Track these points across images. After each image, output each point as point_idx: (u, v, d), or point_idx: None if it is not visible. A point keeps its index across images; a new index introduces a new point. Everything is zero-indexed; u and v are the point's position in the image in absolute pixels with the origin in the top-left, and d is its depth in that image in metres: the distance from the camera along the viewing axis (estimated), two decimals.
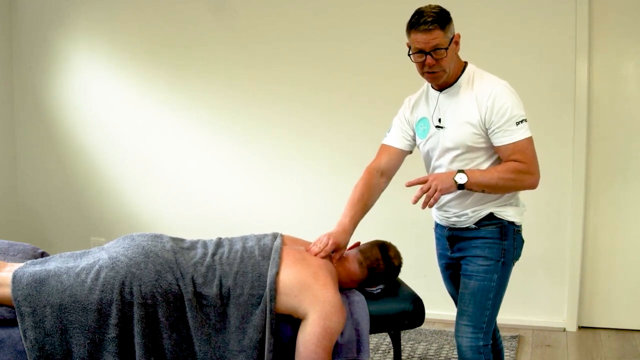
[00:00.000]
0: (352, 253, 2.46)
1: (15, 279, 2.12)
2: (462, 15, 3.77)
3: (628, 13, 3.52)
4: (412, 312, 2.40)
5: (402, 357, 3.25)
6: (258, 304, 2.17)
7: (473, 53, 3.67)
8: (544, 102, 3.62)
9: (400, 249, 2.52)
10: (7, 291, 2.12)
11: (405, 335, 3.55)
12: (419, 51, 2.14)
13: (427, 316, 2.50)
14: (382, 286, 2.47)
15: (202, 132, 4.26)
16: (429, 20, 2.10)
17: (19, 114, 4.65)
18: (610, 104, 3.60)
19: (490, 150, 2.21)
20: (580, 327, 3.73)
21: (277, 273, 2.19)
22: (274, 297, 2.15)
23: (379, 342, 3.46)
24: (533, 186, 2.19)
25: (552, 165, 3.63)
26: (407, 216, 3.73)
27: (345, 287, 2.39)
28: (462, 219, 2.27)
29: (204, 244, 2.36)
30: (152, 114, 4.34)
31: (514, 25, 3.63)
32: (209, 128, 4.25)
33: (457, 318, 2.29)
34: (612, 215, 3.66)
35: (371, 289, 2.46)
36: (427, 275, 3.34)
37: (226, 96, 4.18)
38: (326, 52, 3.96)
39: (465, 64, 2.26)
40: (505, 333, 3.53)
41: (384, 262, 2.44)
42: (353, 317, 2.26)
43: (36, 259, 2.38)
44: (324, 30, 3.96)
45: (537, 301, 3.76)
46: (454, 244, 2.34)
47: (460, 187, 2.13)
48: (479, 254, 2.24)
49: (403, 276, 2.60)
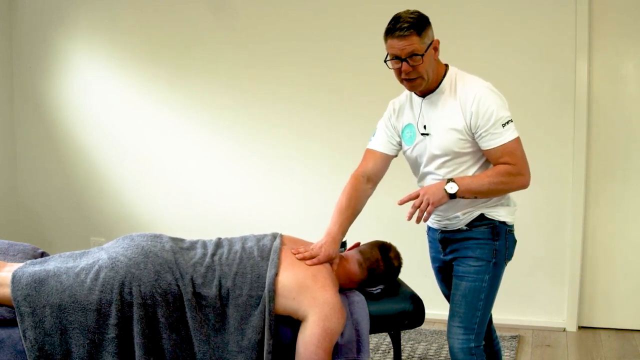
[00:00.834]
0: (352, 254, 2.45)
1: (15, 279, 2.12)
2: (462, 15, 3.79)
3: (628, 13, 3.52)
4: (412, 312, 2.40)
5: (402, 357, 3.24)
6: (257, 305, 2.16)
7: (473, 53, 3.72)
8: (544, 102, 3.62)
9: (399, 249, 2.52)
10: (6, 291, 2.12)
11: (405, 335, 3.55)
12: (395, 57, 2.12)
13: (427, 316, 2.50)
14: (382, 286, 2.47)
15: (202, 132, 4.26)
16: (405, 26, 2.08)
17: (19, 114, 4.65)
18: (610, 104, 3.60)
19: (478, 153, 2.20)
20: (580, 327, 3.73)
21: (276, 274, 2.19)
22: (272, 298, 2.15)
23: (379, 342, 3.45)
24: (524, 186, 2.17)
25: (552, 165, 3.63)
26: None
27: (345, 288, 2.39)
28: (454, 221, 2.26)
29: (204, 244, 2.35)
30: (152, 114, 4.34)
31: (514, 25, 3.63)
32: (209, 128, 4.25)
33: (448, 319, 2.28)
34: (612, 215, 3.66)
35: (371, 289, 2.45)
36: (427, 275, 3.30)
37: (226, 96, 4.18)
38: (326, 52, 3.96)
39: (447, 67, 2.23)
40: (505, 333, 3.54)
41: (384, 262, 2.43)
42: (353, 317, 2.26)
43: (36, 259, 2.38)
44: (324, 30, 3.96)
45: (537, 301, 3.76)
46: (446, 246, 2.34)
47: (452, 196, 2.11)
48: (470, 255, 2.23)
49: (403, 276, 2.60)
